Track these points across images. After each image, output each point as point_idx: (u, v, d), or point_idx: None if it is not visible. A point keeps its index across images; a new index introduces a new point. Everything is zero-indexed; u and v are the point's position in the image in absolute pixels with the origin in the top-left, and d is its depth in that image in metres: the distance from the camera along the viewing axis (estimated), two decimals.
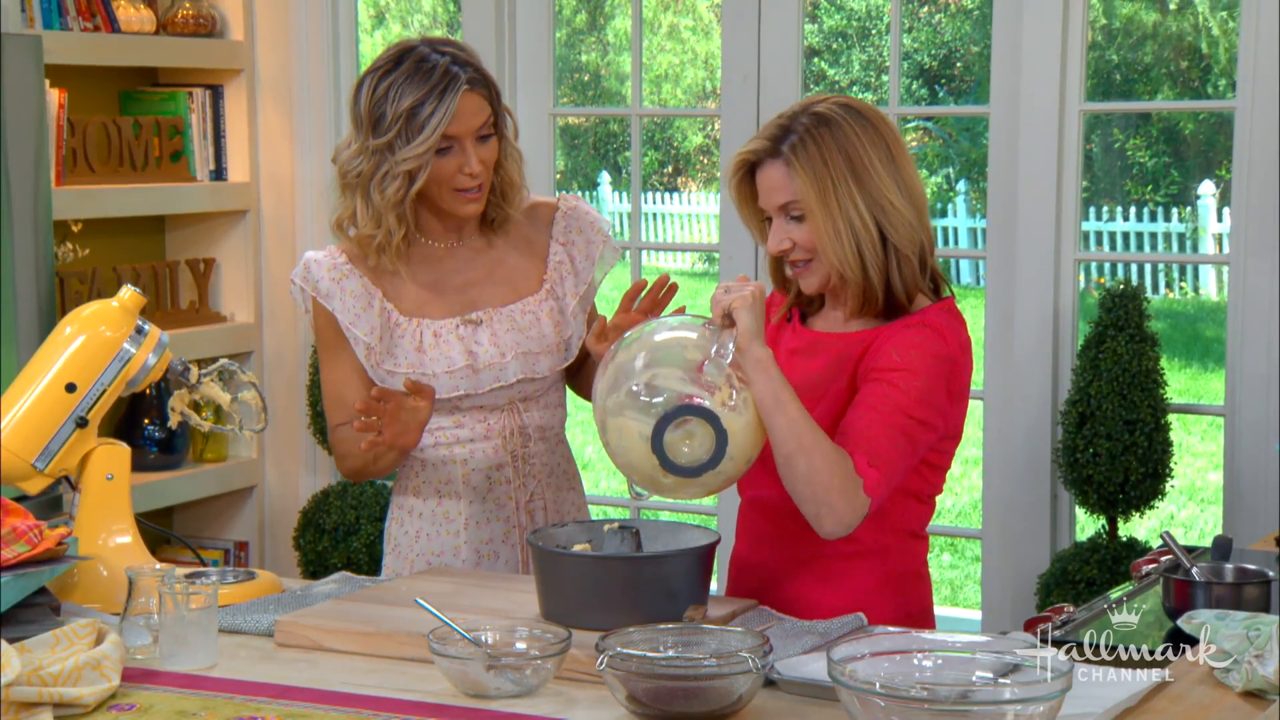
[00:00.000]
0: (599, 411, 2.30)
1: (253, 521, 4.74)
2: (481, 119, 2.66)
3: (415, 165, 2.64)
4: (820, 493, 2.26)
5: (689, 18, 14.57)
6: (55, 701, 1.95)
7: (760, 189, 2.43)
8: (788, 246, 2.41)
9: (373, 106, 2.65)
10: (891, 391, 2.34)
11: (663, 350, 2.28)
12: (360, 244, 2.72)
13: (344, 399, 2.75)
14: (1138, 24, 12.92)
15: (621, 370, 2.28)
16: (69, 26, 4.27)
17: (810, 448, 2.25)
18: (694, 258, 12.87)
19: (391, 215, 2.68)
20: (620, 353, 2.31)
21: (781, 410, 2.25)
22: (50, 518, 2.44)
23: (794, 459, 2.26)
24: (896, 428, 2.33)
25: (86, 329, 2.48)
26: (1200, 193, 12.43)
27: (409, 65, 2.64)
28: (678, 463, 2.22)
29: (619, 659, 1.92)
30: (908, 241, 2.39)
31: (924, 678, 1.85)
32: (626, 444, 2.26)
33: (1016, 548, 4.02)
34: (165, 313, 4.50)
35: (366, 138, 2.67)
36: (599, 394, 2.31)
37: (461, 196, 2.69)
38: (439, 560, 2.75)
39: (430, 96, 2.61)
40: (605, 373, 2.31)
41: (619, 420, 2.26)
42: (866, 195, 2.37)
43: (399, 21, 13.92)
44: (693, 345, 2.27)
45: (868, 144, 2.38)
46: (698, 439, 2.22)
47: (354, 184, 2.69)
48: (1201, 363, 10.24)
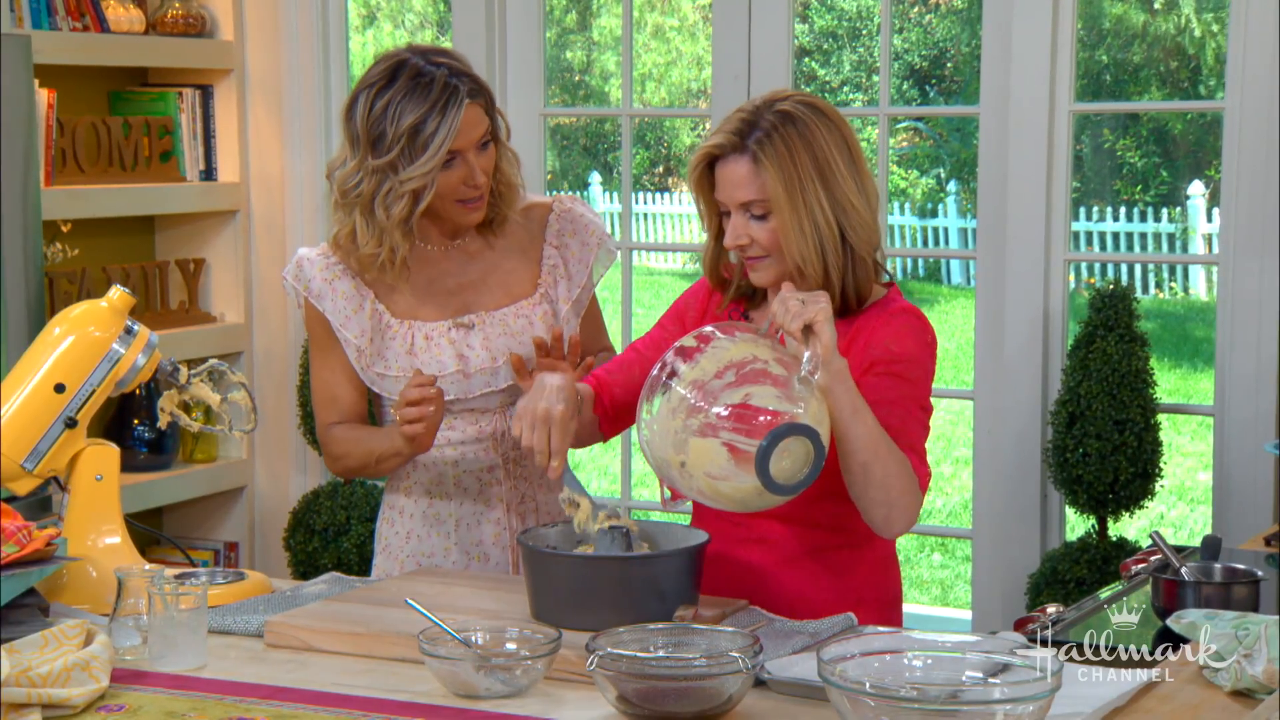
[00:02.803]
0: (666, 428, 2.23)
1: (243, 522, 4.74)
2: (482, 129, 2.64)
3: (421, 184, 2.60)
4: (895, 496, 2.31)
5: (674, 18, 14.56)
6: (44, 703, 1.94)
7: (722, 182, 2.42)
8: (746, 242, 2.42)
9: (371, 125, 2.60)
10: (906, 385, 2.40)
11: (747, 367, 2.23)
12: (362, 263, 2.69)
13: (337, 398, 2.75)
14: (1127, 24, 12.94)
15: (701, 390, 2.22)
16: (58, 26, 4.26)
17: (885, 455, 2.29)
18: (684, 258, 12.86)
19: (397, 233, 2.64)
20: (689, 371, 2.24)
21: (859, 420, 2.26)
22: (39, 518, 2.43)
23: (871, 466, 2.28)
24: (918, 420, 2.41)
25: (75, 329, 2.47)
26: (1190, 193, 12.45)
27: (405, 81, 2.59)
28: (779, 481, 2.19)
29: (609, 659, 1.92)
30: (865, 242, 2.42)
31: (914, 678, 1.86)
32: (714, 462, 2.20)
33: (1006, 547, 4.03)
34: (155, 313, 4.49)
35: (365, 157, 2.62)
36: (668, 409, 2.23)
37: (465, 207, 2.67)
38: (429, 561, 2.75)
39: (432, 113, 2.57)
40: (671, 390, 2.24)
41: (706, 441, 2.20)
42: (830, 196, 2.38)
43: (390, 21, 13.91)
44: (773, 360, 2.24)
45: (831, 144, 2.40)
46: (793, 454, 2.19)
47: (354, 203, 2.65)
48: (1191, 363, 10.26)
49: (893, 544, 2.57)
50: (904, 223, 13.30)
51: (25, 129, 3.87)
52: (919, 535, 7.28)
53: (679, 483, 2.26)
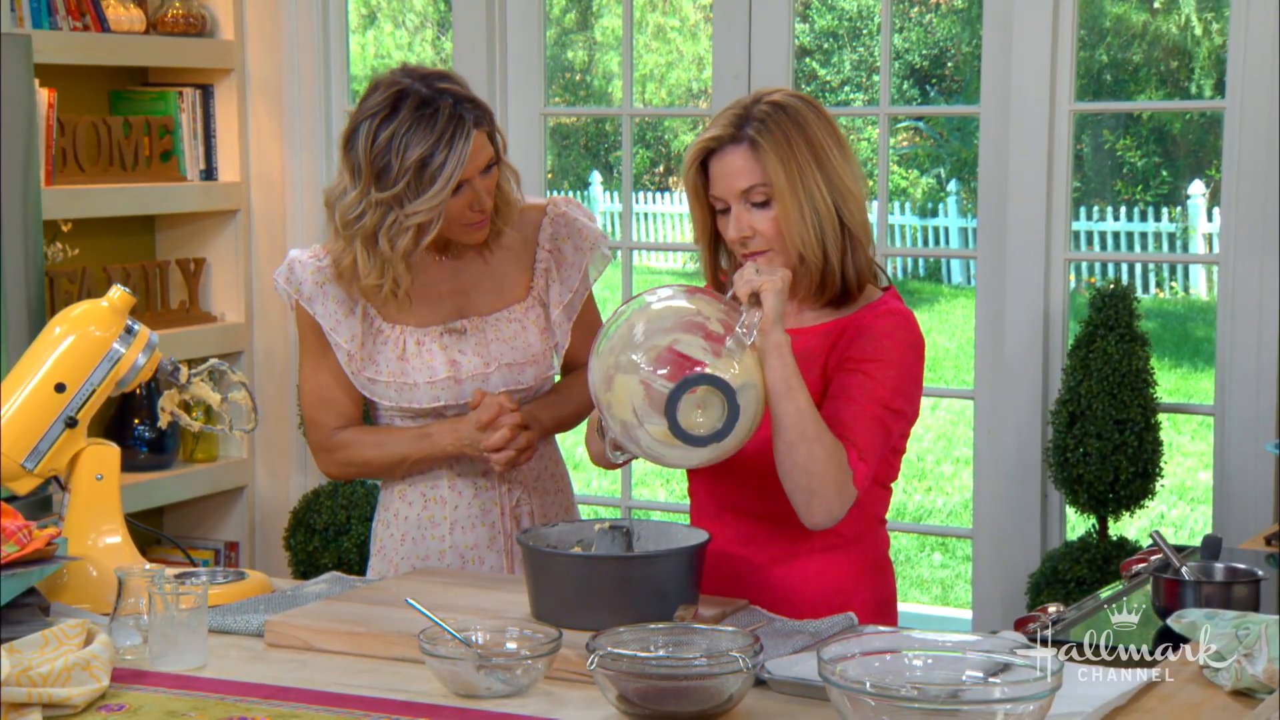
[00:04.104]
0: (603, 364, 2.27)
1: (243, 522, 4.74)
2: (487, 156, 2.60)
3: (428, 218, 2.56)
4: (816, 483, 2.29)
5: (675, 18, 14.56)
6: (44, 702, 1.94)
7: (719, 175, 2.43)
8: (749, 234, 2.42)
9: (375, 157, 2.55)
10: (869, 382, 2.38)
11: (687, 319, 2.26)
12: (365, 293, 2.66)
13: (334, 401, 2.73)
14: (1127, 24, 12.94)
15: (640, 330, 2.25)
16: (58, 26, 4.26)
17: (813, 437, 2.27)
18: (684, 257, 12.86)
19: (400, 265, 2.61)
20: (636, 314, 2.28)
21: (791, 396, 2.26)
22: (40, 518, 2.43)
23: (796, 446, 2.27)
24: (876, 419, 2.37)
25: (76, 329, 2.47)
26: (1190, 193, 12.44)
27: (409, 111, 2.54)
28: (686, 429, 2.21)
29: (610, 659, 1.91)
30: (861, 226, 2.44)
31: (914, 677, 1.85)
32: (633, 401, 2.23)
33: (1007, 547, 4.03)
34: (155, 313, 4.50)
35: (368, 189, 2.56)
36: (608, 347, 2.27)
37: (469, 229, 2.65)
38: (424, 564, 2.74)
39: (440, 146, 2.53)
40: (617, 329, 2.27)
41: (629, 378, 2.24)
42: (828, 180, 2.40)
43: (390, 21, 13.90)
44: (715, 319, 2.26)
45: (823, 131, 2.42)
46: (710, 410, 2.21)
47: (356, 234, 2.60)
48: (1191, 362, 10.26)
49: (885, 545, 2.57)
50: (904, 222, 13.30)
51: (26, 128, 3.87)
52: (919, 535, 7.28)
53: (606, 422, 2.29)
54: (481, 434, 2.64)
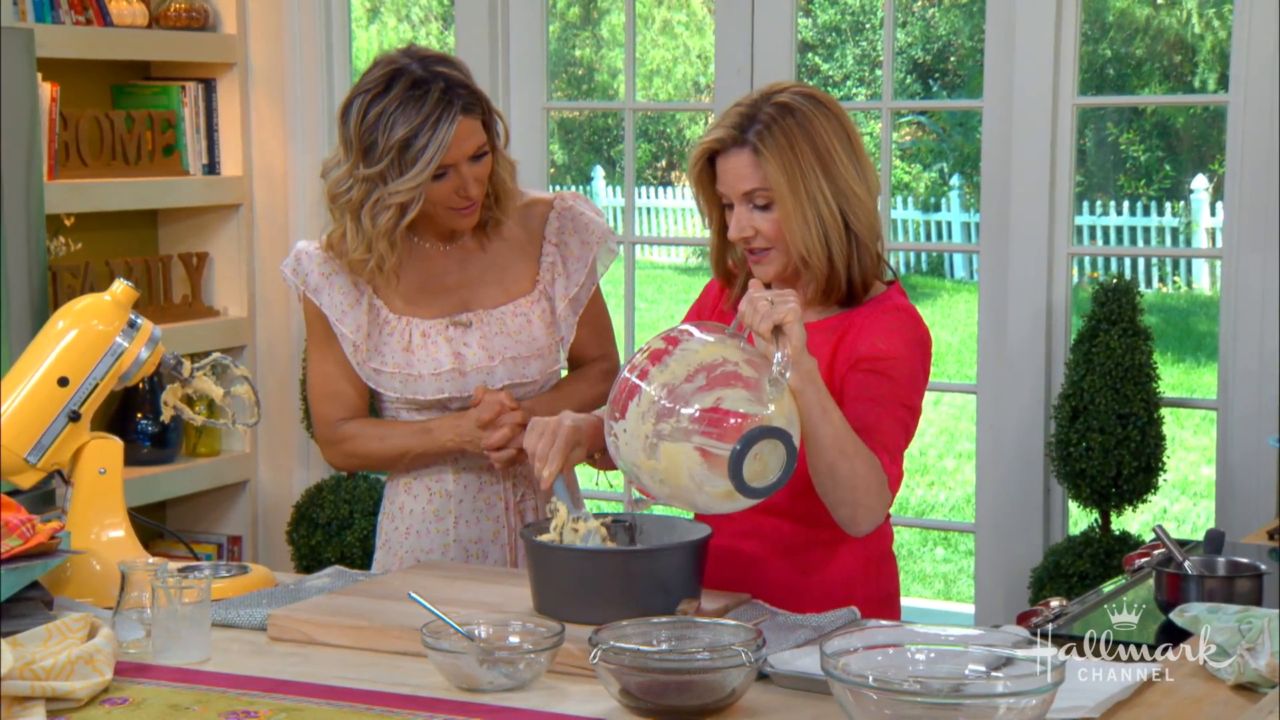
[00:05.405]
0: (638, 433, 2.18)
1: (246, 516, 4.74)
2: (476, 142, 2.60)
3: (408, 198, 2.58)
4: (860, 496, 2.29)
5: (682, 13, 14.56)
6: (47, 695, 1.95)
7: (723, 175, 2.42)
8: (750, 234, 2.41)
9: (363, 133, 2.57)
10: (887, 383, 2.37)
11: (720, 371, 2.18)
12: (353, 266, 2.67)
13: (340, 393, 2.74)
14: (1130, 18, 12.93)
15: (673, 393, 2.17)
16: (61, 20, 4.26)
17: (852, 454, 2.27)
18: (687, 252, 12.88)
19: (383, 243, 2.62)
20: (658, 374, 2.20)
21: (827, 419, 2.24)
22: (43, 512, 2.44)
23: (837, 465, 2.27)
24: (899, 420, 2.38)
25: (79, 323, 2.47)
26: (1193, 187, 12.44)
27: (400, 90, 2.55)
28: (752, 484, 2.16)
29: (612, 653, 1.92)
30: (868, 229, 2.42)
31: (917, 671, 1.86)
32: (688, 468, 2.17)
33: (1009, 542, 4.03)
34: (158, 307, 4.50)
35: (356, 164, 2.59)
36: (639, 413, 2.18)
37: (457, 213, 2.65)
38: (428, 557, 2.74)
39: (424, 128, 2.53)
40: (646, 396, 2.19)
41: (680, 446, 2.16)
42: (833, 184, 2.38)
43: (394, 15, 13.90)
44: (743, 362, 2.20)
45: (831, 133, 2.39)
46: (768, 457, 2.17)
47: (344, 208, 2.63)
48: (1194, 357, 10.25)
49: (888, 540, 2.57)
50: (907, 217, 13.30)
51: (28, 123, 3.87)
52: (921, 530, 7.28)
53: (650, 487, 2.23)
54: (482, 432, 2.64)
